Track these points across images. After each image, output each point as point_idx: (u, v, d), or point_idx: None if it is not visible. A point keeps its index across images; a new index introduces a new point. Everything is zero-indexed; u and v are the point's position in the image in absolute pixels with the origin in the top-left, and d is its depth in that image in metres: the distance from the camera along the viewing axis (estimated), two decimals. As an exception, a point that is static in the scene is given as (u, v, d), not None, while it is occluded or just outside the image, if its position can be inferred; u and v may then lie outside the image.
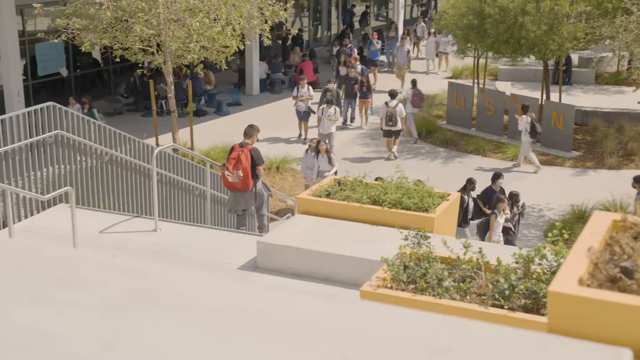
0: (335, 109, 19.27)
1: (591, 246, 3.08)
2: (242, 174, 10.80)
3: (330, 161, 15.90)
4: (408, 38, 28.59)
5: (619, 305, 2.71)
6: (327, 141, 18.16)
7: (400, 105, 19.46)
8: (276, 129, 22.01)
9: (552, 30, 18.65)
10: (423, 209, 8.67)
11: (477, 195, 14.79)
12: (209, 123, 22.63)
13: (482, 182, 17.95)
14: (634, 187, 14.79)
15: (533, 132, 18.35)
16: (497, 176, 14.99)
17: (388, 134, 19.43)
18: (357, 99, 22.28)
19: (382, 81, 26.47)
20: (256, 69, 25.46)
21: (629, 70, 25.10)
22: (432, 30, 28.34)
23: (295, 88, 21.21)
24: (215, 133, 21.34)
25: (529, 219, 16.15)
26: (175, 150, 13.77)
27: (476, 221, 14.42)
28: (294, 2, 17.85)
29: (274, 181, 18.19)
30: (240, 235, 9.89)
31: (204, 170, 11.95)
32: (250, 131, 11.50)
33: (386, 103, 19.30)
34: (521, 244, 14.95)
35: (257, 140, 11.65)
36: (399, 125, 19.28)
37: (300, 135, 21.41)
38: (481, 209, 14.48)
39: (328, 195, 9.23)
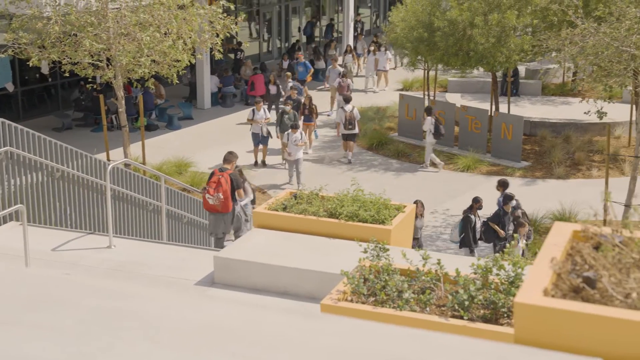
0: (301, 134, 18.55)
1: (554, 257, 3.14)
2: (222, 196, 11.42)
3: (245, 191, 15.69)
4: (350, 55, 28.30)
5: (586, 315, 2.76)
6: (294, 167, 18.53)
7: (356, 109, 20.46)
8: (229, 143, 21.91)
9: (500, 42, 18.97)
10: (379, 221, 8.73)
11: (488, 218, 14.26)
12: (160, 137, 22.46)
13: (444, 195, 18.18)
14: (498, 189, 14.83)
15: (437, 132, 19.32)
16: (509, 198, 14.38)
17: (347, 137, 20.32)
18: (301, 122, 20.38)
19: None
20: (207, 83, 25.36)
21: (574, 81, 25.65)
22: (372, 47, 27.81)
23: (251, 111, 20.02)
24: (167, 147, 21.20)
25: (481, 229, 16.34)
26: (127, 165, 13.64)
27: (487, 244, 14.11)
28: (245, 15, 17.87)
29: (228, 195, 18.10)
30: (196, 251, 9.82)
31: (159, 185, 11.85)
32: (230, 157, 12.30)
33: (342, 108, 20.37)
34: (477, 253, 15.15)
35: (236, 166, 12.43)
36: (356, 129, 20.22)
37: (256, 162, 20.14)
38: (496, 231, 13.90)
39: (284, 209, 9.23)
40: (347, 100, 20.48)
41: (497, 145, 20.16)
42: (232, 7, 16.34)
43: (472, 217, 13.84)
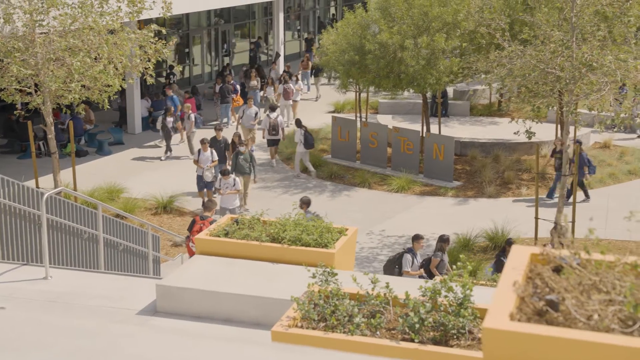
0: (235, 180, 17.11)
1: (516, 280, 3.20)
2: None
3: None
4: (272, 87, 27.56)
5: (552, 339, 2.81)
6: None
7: (281, 117, 22.38)
8: (160, 167, 21.69)
9: (430, 65, 19.32)
10: (322, 245, 8.73)
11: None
12: (90, 163, 22.06)
13: (380, 216, 18.32)
14: (301, 207, 14.87)
15: (307, 143, 20.56)
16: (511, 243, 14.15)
17: (272, 142, 21.81)
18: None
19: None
20: (138, 107, 25.07)
21: (504, 102, 26.26)
22: (282, 78, 26.99)
23: (197, 152, 18.87)
24: (98, 173, 20.83)
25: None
26: (58, 192, 13.33)
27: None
28: (176, 39, 17.76)
29: (162, 220, 17.88)
30: (136, 279, 9.64)
31: (94, 213, 11.61)
32: (210, 205, 13.07)
33: (268, 115, 21.96)
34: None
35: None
36: (280, 135, 21.76)
37: (203, 206, 18.39)
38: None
39: (226, 235, 9.15)
40: (273, 108, 22.16)
41: (429, 165, 20.47)
42: (164, 31, 16.20)
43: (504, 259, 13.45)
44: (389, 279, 6.41)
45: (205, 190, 18.66)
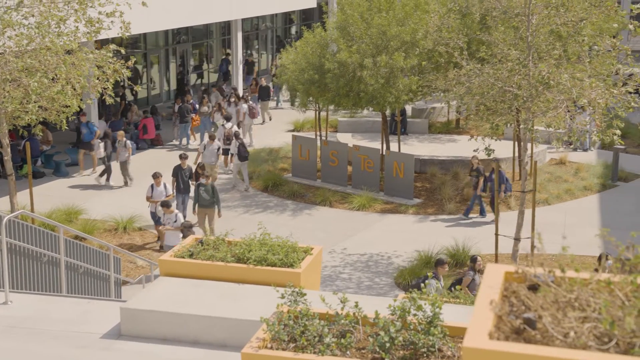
0: (176, 215, 15.66)
1: (493, 299, 3.23)
2: None
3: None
4: (219, 112, 25.52)
5: (531, 357, 2.84)
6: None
7: (235, 127, 22.89)
8: (118, 188, 21.46)
9: (389, 83, 19.47)
10: (288, 265, 8.72)
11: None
12: (47, 185, 21.74)
13: (341, 234, 18.34)
14: (182, 232, 14.46)
15: (240, 155, 21.10)
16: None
17: (226, 151, 22.48)
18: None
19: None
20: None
21: (461, 120, 26.58)
22: (232, 99, 26.52)
23: (149, 187, 17.73)
24: (56, 195, 20.55)
25: (379, 267, 16.58)
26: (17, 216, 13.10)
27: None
28: (135, 59, 17.65)
29: (122, 241, 17.68)
30: (100, 302, 9.50)
31: (55, 235, 11.43)
32: (187, 232, 13.11)
33: (223, 125, 22.63)
34: (373, 292, 15.34)
35: None
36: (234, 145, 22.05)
37: (158, 240, 17.62)
38: None
39: (191, 256, 9.09)
40: (228, 119, 23.00)
41: (390, 183, 20.59)
42: (123, 51, 16.09)
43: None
44: (358, 298, 6.43)
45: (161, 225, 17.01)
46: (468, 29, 18.98)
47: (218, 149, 21.10)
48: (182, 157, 18.81)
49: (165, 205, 15.73)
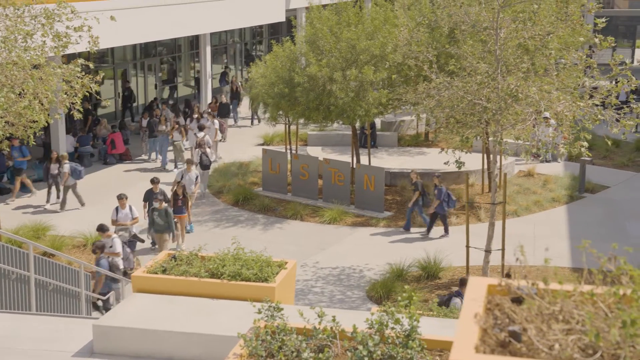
0: (113, 241, 14.82)
1: (477, 312, 3.23)
2: None
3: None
4: (178, 131, 24.60)
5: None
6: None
7: (208, 136, 23.15)
8: (88, 204, 21.25)
9: (359, 97, 19.54)
10: (263, 279, 8.68)
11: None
12: (14, 201, 21.44)
13: (313, 248, 18.30)
14: (94, 252, 14.26)
15: (202, 163, 21.65)
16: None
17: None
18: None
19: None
20: (63, 143, 24.53)
21: (430, 133, 26.75)
22: (195, 115, 25.93)
23: (114, 209, 16.95)
24: (22, 211, 20.27)
25: (351, 280, 16.58)
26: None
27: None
28: (104, 74, 17.52)
29: (91, 258, 17.44)
30: (71, 320, 9.37)
31: (24, 253, 11.26)
32: (97, 252, 13.03)
33: (196, 134, 23.11)
34: (345, 306, 15.33)
35: None
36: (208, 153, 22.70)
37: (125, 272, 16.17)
38: None
39: (164, 272, 9.01)
40: (201, 128, 23.48)
41: (361, 196, 20.63)
42: (92, 65, 15.96)
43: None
44: (336, 312, 6.41)
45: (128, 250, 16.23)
46: (437, 42, 19.13)
47: (196, 177, 19.82)
48: (154, 181, 17.99)
49: (100, 229, 14.88)
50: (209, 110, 27.80)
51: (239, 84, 31.58)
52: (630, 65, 13.90)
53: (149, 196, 17.89)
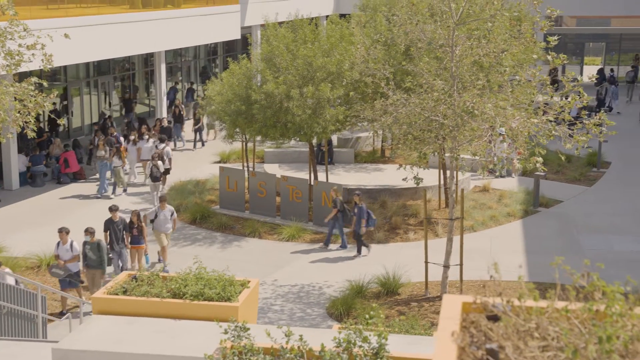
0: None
1: (454, 330, 3.24)
2: None
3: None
4: (117, 156, 23.57)
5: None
6: None
7: (168, 148, 23.79)
8: (42, 225, 20.89)
9: (316, 114, 19.59)
10: (226, 299, 8.61)
11: None
12: (-35, 222, 21.00)
13: (271, 266, 18.21)
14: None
15: (152, 175, 22.01)
16: None
17: (166, 171, 23.24)
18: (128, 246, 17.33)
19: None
20: (15, 162, 24.14)
21: (387, 150, 26.92)
22: (132, 137, 25.36)
23: (56, 244, 15.75)
24: (-26, 232, 19.84)
25: (311, 298, 16.53)
26: None
27: None
28: (57, 92, 17.30)
29: (45, 279, 17.14)
30: (28, 344, 9.18)
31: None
32: None
33: (156, 146, 23.80)
34: (306, 323, 15.28)
35: None
36: (167, 164, 23.16)
37: (62, 313, 15.48)
38: None
39: (125, 292, 8.88)
40: (162, 140, 24.38)
41: (319, 213, 20.62)
42: (45, 83, 15.72)
43: None
44: (302, 331, 6.38)
45: (70, 288, 15.76)
46: (393, 59, 19.29)
47: (172, 213, 18.11)
48: (113, 210, 17.02)
49: (51, 268, 14.34)
50: (153, 132, 26.87)
51: (182, 106, 30.80)
52: (582, 82, 14.19)
53: (109, 226, 16.96)
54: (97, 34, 24.06)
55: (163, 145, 23.88)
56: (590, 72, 44.44)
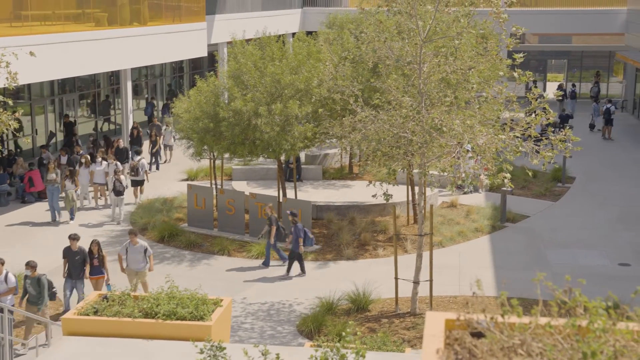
0: None
1: (439, 348, 3.25)
2: None
3: None
4: (70, 180, 22.58)
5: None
6: None
7: (143, 160, 24.36)
8: (5, 246, 20.56)
9: (285, 131, 19.59)
10: (199, 318, 8.54)
11: None
12: None
13: (237, 284, 18.07)
14: None
15: (115, 189, 22.32)
16: None
17: (134, 183, 24.25)
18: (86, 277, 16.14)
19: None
20: (-22, 181, 23.76)
21: (354, 167, 27.02)
22: (83, 160, 24.25)
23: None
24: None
25: (281, 315, 16.47)
26: None
27: None
28: (22, 110, 17.10)
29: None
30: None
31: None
32: None
33: (132, 158, 24.49)
34: (276, 342, 15.20)
35: None
36: (142, 176, 24.07)
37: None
38: None
39: (96, 313, 8.77)
40: (138, 153, 24.91)
41: (288, 230, 20.55)
42: (10, 102, 15.54)
43: None
44: (278, 349, 6.35)
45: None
46: (361, 76, 19.39)
47: (145, 250, 16.44)
48: (72, 238, 16.07)
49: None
50: (109, 154, 25.92)
51: (139, 128, 29.98)
52: (548, 99, 14.39)
53: (67, 254, 15.99)
54: (62, 52, 23.86)
55: (138, 157, 24.44)
56: (552, 88, 45.11)
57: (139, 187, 24.38)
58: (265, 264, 19.28)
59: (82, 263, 15.88)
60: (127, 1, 28.32)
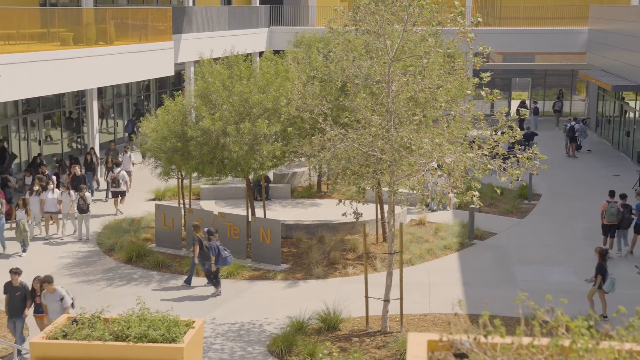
0: None
1: (423, 369, 3.24)
2: None
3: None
4: (23, 210, 21.40)
5: None
6: None
7: (123, 172, 25.23)
8: (-30, 265, 20.20)
9: (253, 150, 19.55)
10: (170, 340, 8.44)
11: None
12: None
13: (209, 304, 17.91)
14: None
15: (79, 207, 22.37)
16: None
17: (114, 194, 25.30)
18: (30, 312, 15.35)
19: None
20: (-59, 202, 23.28)
21: (323, 184, 27.03)
22: (36, 187, 23.14)
23: None
24: None
25: (251, 335, 16.35)
26: None
27: None
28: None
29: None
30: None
31: None
32: None
33: (112, 170, 25.48)
34: (247, 361, 15.06)
35: None
36: (122, 187, 25.03)
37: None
38: None
39: (65, 336, 8.62)
40: (118, 165, 25.80)
41: (257, 249, 20.50)
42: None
43: None
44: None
45: None
46: (329, 95, 19.44)
47: (62, 298, 14.63)
48: (13, 272, 15.03)
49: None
50: (65, 182, 25.19)
51: (96, 154, 28.80)
52: (515, 117, 14.55)
53: (7, 290, 15.11)
54: (26, 72, 23.60)
55: (118, 169, 25.48)
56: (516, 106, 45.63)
57: (119, 199, 25.28)
58: (187, 282, 19.04)
59: (23, 300, 14.88)
60: (93, 20, 28.15)
